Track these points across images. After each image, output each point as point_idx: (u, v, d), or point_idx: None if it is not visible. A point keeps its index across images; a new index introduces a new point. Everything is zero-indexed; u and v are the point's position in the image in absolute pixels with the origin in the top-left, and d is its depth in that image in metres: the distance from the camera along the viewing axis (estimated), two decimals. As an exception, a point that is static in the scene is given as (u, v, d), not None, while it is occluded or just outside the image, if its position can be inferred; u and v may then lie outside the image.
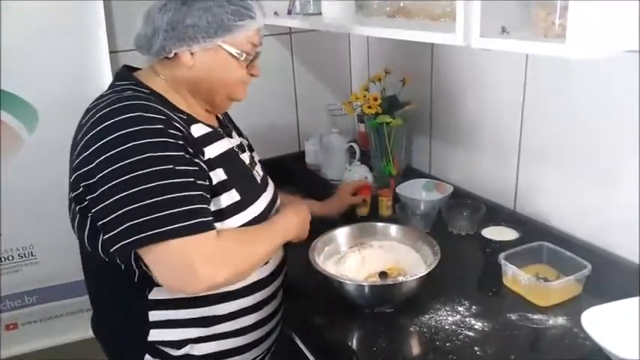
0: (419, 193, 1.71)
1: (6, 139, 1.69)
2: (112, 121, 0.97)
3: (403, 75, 1.80)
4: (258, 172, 1.26)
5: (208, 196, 1.04)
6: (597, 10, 0.83)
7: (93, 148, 0.97)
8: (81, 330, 1.86)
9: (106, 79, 1.72)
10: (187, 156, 1.00)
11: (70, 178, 1.05)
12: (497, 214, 1.53)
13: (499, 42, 0.98)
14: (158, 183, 0.95)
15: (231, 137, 1.23)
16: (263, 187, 1.23)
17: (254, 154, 1.33)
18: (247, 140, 1.37)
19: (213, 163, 1.08)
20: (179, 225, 0.94)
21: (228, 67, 1.12)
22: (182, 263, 0.96)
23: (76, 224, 1.07)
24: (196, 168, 1.02)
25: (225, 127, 1.25)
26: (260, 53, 1.17)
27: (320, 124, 2.15)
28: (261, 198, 1.18)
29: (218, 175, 1.08)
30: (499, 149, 1.58)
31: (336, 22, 1.58)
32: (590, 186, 1.32)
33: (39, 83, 1.67)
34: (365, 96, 1.79)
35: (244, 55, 1.11)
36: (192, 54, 1.08)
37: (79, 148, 1.01)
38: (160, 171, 0.95)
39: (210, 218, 1.01)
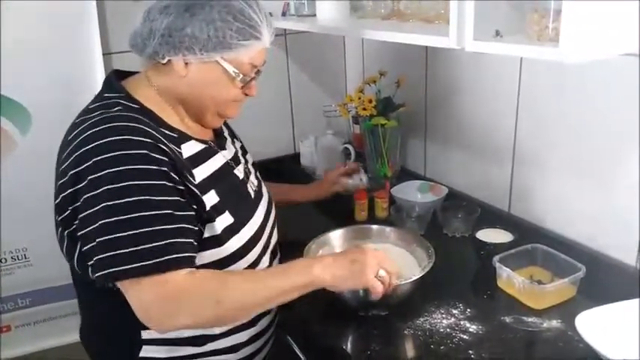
0: (414, 195, 1.71)
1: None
2: (96, 143, 0.94)
3: (398, 77, 1.80)
4: (253, 182, 1.22)
5: (191, 226, 0.99)
6: (591, 13, 0.84)
7: (77, 170, 0.94)
8: (74, 332, 1.81)
9: (99, 81, 1.71)
10: (170, 184, 0.96)
11: (55, 198, 1.01)
12: (492, 217, 1.53)
13: (492, 45, 0.98)
14: (132, 215, 0.91)
15: (225, 149, 1.19)
16: (257, 201, 1.19)
17: (248, 156, 1.31)
18: (240, 141, 1.34)
19: (205, 186, 1.04)
20: (145, 263, 0.91)
21: (221, 85, 1.07)
22: (142, 303, 0.94)
23: (64, 248, 1.04)
24: (177, 198, 0.97)
25: (220, 137, 1.22)
26: (261, 73, 1.12)
27: (315, 125, 2.14)
28: (254, 216, 1.15)
29: (211, 199, 1.04)
30: (494, 151, 1.58)
31: (330, 23, 1.58)
32: (585, 188, 1.32)
33: (32, 86, 1.66)
34: (360, 98, 1.79)
35: (241, 75, 1.06)
36: (186, 64, 1.03)
37: (63, 167, 0.97)
38: (136, 202, 0.92)
39: (185, 254, 0.95)
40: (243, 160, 1.25)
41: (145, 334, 1.07)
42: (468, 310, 1.20)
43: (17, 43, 1.61)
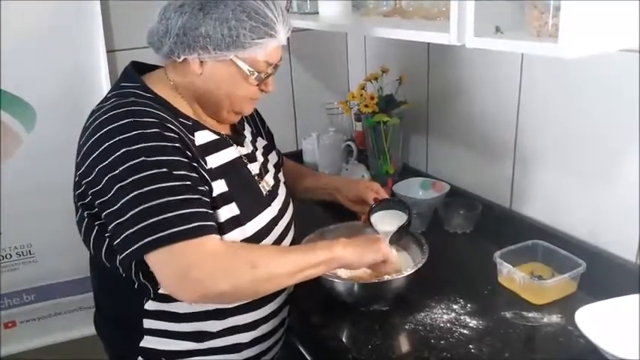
0: (415, 191, 1.71)
1: (4, 138, 1.69)
2: (108, 128, 0.96)
3: (400, 74, 1.80)
4: (268, 182, 1.20)
5: (208, 200, 1.00)
6: (590, 9, 0.84)
7: (93, 156, 0.96)
8: (79, 328, 1.87)
9: (104, 78, 1.72)
10: (185, 160, 0.98)
11: (76, 182, 1.03)
12: (494, 213, 1.54)
13: (493, 42, 0.98)
14: (152, 187, 0.92)
15: (242, 145, 1.18)
16: (268, 201, 1.17)
17: (271, 156, 1.30)
18: (267, 140, 1.33)
19: (215, 173, 1.05)
20: (174, 230, 0.91)
21: (236, 83, 1.07)
22: (177, 269, 0.93)
23: (83, 229, 1.06)
24: (193, 174, 0.98)
25: (238, 134, 1.21)
26: (278, 68, 1.11)
27: (317, 123, 2.14)
28: (262, 213, 1.13)
29: (219, 187, 1.05)
30: (495, 148, 1.58)
31: (332, 21, 1.58)
32: (586, 184, 1.32)
33: (37, 82, 1.67)
34: (362, 95, 1.79)
35: (256, 73, 1.07)
36: (201, 62, 1.05)
37: (82, 153, 1.00)
38: (154, 175, 0.93)
39: (212, 223, 0.97)
40: (262, 159, 1.23)
41: (147, 324, 1.08)
42: (469, 305, 1.21)
43: (21, 40, 1.62)
